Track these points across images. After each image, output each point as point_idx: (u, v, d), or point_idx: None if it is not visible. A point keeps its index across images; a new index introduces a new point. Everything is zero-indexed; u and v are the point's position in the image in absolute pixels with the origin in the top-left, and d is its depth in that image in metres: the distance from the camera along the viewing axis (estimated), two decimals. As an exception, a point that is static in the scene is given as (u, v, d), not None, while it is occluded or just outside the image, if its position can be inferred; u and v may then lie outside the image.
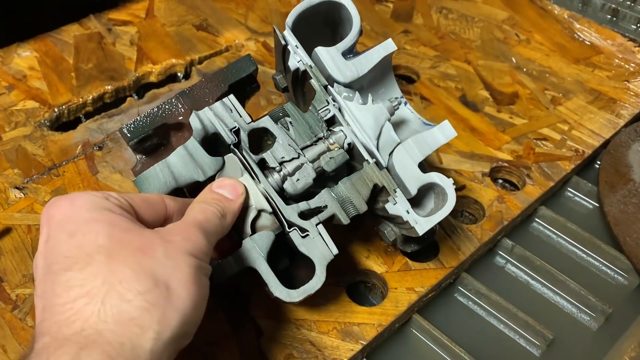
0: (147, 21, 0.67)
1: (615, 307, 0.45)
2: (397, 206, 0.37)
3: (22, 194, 0.48)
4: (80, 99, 0.57)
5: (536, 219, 0.52)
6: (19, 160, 0.51)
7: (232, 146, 0.37)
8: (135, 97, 0.60)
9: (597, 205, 0.54)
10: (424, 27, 0.68)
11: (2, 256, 0.44)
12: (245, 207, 0.35)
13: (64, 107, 0.57)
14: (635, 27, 0.75)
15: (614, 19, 0.78)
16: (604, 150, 0.57)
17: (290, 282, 0.36)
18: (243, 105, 0.41)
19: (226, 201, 0.34)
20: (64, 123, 0.57)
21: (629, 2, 0.78)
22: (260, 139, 0.38)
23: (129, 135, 0.37)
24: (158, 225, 0.32)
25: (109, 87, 0.59)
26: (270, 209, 0.36)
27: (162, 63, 0.62)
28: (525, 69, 0.63)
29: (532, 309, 0.45)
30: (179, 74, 0.62)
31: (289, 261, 0.39)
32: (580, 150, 0.55)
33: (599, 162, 0.57)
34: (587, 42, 0.68)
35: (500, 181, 0.54)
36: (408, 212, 0.37)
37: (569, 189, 0.55)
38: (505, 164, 0.53)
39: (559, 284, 0.47)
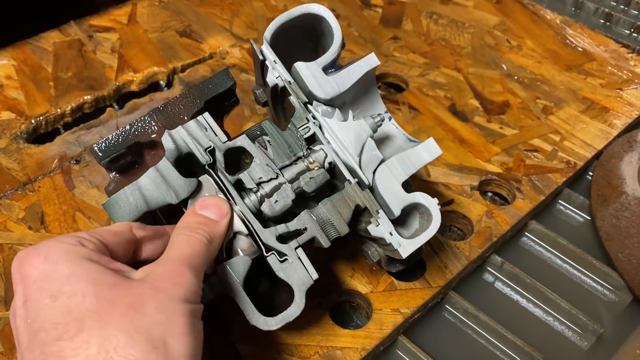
0: (129, 27, 0.65)
1: (606, 325, 0.44)
2: (380, 228, 0.36)
3: (-6, 210, 0.47)
4: (59, 110, 0.56)
5: (526, 234, 0.51)
6: (-7, 175, 0.49)
7: (207, 166, 0.35)
8: (116, 107, 0.58)
9: (589, 218, 0.52)
10: (414, 33, 0.67)
11: (-27, 277, 0.43)
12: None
13: (41, 118, 0.55)
14: (629, 32, 0.74)
15: (607, 23, 0.76)
16: (596, 161, 0.55)
17: (270, 306, 0.35)
18: (222, 121, 0.39)
19: (212, 224, 0.33)
20: (41, 135, 0.55)
21: (622, 6, 0.77)
22: (237, 158, 0.37)
23: (100, 154, 0.36)
24: (129, 257, 0.31)
25: (89, 97, 0.57)
26: (246, 231, 0.34)
27: (143, 71, 0.60)
28: (516, 77, 0.62)
29: (522, 329, 0.44)
30: (161, 83, 0.61)
31: (268, 283, 0.37)
32: (572, 162, 0.54)
33: (590, 174, 0.56)
34: (580, 49, 0.67)
35: (489, 194, 0.52)
36: (391, 234, 0.36)
37: (560, 201, 0.54)
38: (495, 177, 0.52)
39: (550, 302, 0.46)
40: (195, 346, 0.27)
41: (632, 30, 0.74)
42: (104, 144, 0.36)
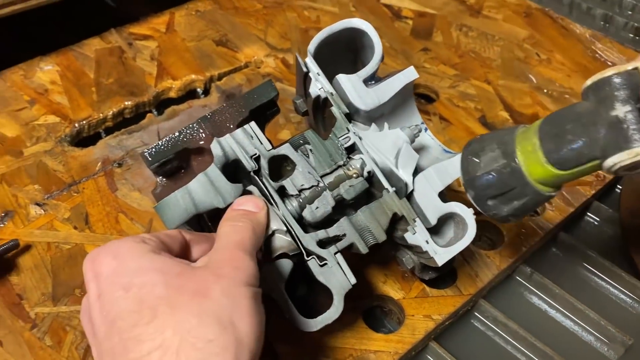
0: (167, 36, 0.67)
1: (635, 337, 0.45)
2: (417, 236, 0.37)
3: (42, 210, 0.49)
4: (101, 114, 0.58)
5: (556, 245, 0.52)
6: (40, 176, 0.52)
7: (252, 173, 0.37)
8: (155, 112, 0.60)
9: (618, 231, 0.53)
10: (444, 44, 0.68)
11: (22, 273, 0.45)
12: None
13: (84, 122, 0.57)
14: (658, 46, 0.75)
15: (637, 37, 0.77)
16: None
17: (309, 309, 0.36)
18: (263, 128, 0.41)
19: (252, 214, 0.35)
20: (84, 138, 0.57)
21: (652, 21, 0.77)
22: (280, 165, 0.38)
23: (150, 159, 0.38)
24: (183, 258, 0.32)
25: (129, 102, 0.59)
26: (284, 229, 0.36)
27: (181, 79, 0.62)
28: (545, 90, 0.63)
29: (550, 338, 0.44)
30: (198, 90, 0.63)
31: (306, 287, 0.39)
32: (601, 175, 0.54)
33: (619, 187, 0.56)
34: (609, 63, 0.67)
35: None
36: (427, 242, 0.37)
37: (589, 214, 0.55)
38: (525, 188, 0.52)
39: (578, 312, 0.46)
40: (259, 327, 0.29)
41: (661, 44, 0.74)
42: (154, 150, 0.38)
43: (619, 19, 0.78)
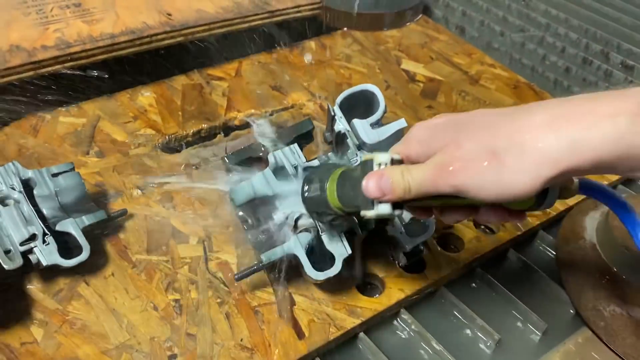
0: (235, 79, 0.89)
1: (551, 325, 0.62)
2: (395, 229, 0.57)
3: (142, 192, 0.70)
4: (184, 132, 0.79)
5: (506, 258, 0.70)
6: (140, 170, 0.73)
7: (291, 176, 0.57)
8: (223, 134, 0.81)
9: (555, 253, 0.71)
10: (445, 104, 0.88)
11: (127, 232, 0.65)
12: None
13: (172, 136, 0.79)
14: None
15: (605, 113, 0.95)
16: (567, 213, 0.74)
17: (318, 269, 0.56)
18: (302, 149, 0.61)
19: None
20: (171, 147, 0.79)
21: (619, 101, 0.96)
22: (310, 173, 0.58)
23: (228, 160, 0.58)
24: None
25: (205, 125, 0.81)
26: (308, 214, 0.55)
27: (244, 112, 0.83)
28: (518, 146, 0.82)
29: (490, 318, 0.62)
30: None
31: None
32: (548, 211, 0.73)
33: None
34: (573, 130, 0.86)
35: (482, 226, 0.71)
36: (401, 233, 0.57)
37: (537, 240, 0.73)
38: (487, 214, 0.71)
39: (513, 303, 0.64)
40: None
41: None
42: (232, 156, 0.58)
43: (592, 96, 0.97)
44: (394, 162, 0.43)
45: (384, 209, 0.42)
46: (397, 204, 0.42)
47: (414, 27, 1.07)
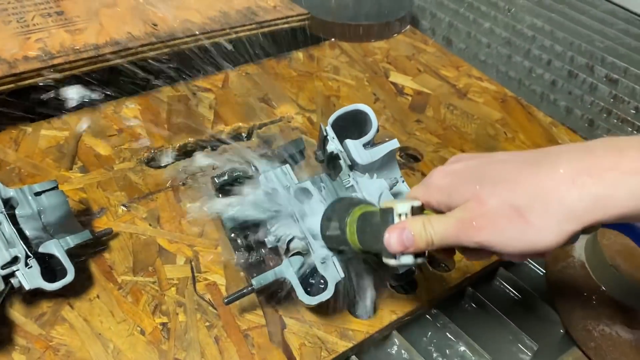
0: (222, 90, 0.88)
1: (541, 345, 0.62)
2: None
3: (127, 209, 0.68)
4: (170, 146, 0.78)
5: (497, 277, 0.70)
6: (125, 186, 0.71)
7: (283, 197, 0.56)
8: (210, 148, 0.80)
9: (544, 272, 0.71)
10: (433, 118, 0.88)
11: (113, 252, 0.63)
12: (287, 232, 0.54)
13: (158, 150, 0.77)
14: (605, 135, 0.94)
15: (590, 127, 0.96)
16: (556, 231, 0.74)
17: (309, 293, 0.55)
18: (293, 168, 0.60)
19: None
20: (157, 162, 0.77)
21: (604, 115, 0.97)
22: (302, 195, 0.57)
23: (217, 181, 0.57)
24: None
25: (191, 139, 0.79)
26: (301, 236, 0.54)
27: (231, 125, 0.82)
28: (506, 161, 0.82)
29: (481, 338, 0.62)
30: (243, 134, 0.82)
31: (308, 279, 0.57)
32: (537, 229, 0.73)
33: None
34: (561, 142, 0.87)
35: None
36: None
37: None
38: (477, 232, 0.71)
39: (504, 324, 0.64)
40: None
41: (607, 135, 0.94)
42: (219, 177, 0.57)
43: (577, 111, 0.98)
44: (414, 209, 0.43)
45: (407, 260, 0.42)
46: (419, 253, 0.43)
47: (401, 38, 1.06)
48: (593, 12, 1.14)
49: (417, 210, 0.43)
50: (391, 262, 0.43)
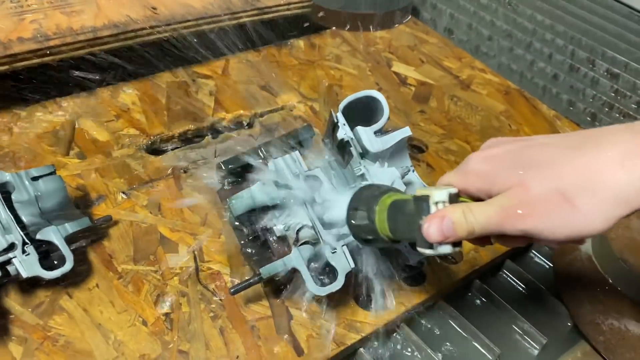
0: (223, 77, 0.86)
1: (550, 339, 0.61)
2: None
3: (126, 197, 0.66)
4: (170, 132, 0.76)
5: (504, 270, 0.69)
6: (125, 173, 0.69)
7: (292, 184, 0.54)
8: (210, 136, 0.78)
9: (551, 265, 0.70)
10: (437, 109, 0.87)
11: (112, 240, 0.61)
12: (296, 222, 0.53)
13: (157, 137, 0.75)
14: (608, 130, 0.93)
15: (593, 120, 0.96)
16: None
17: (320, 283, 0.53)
18: (302, 155, 0.58)
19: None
20: (156, 149, 0.75)
21: (606, 109, 0.96)
22: (313, 182, 0.56)
23: (224, 167, 0.55)
24: None
25: (192, 126, 0.77)
26: (310, 224, 0.53)
27: (232, 112, 0.80)
28: (511, 154, 0.81)
29: (489, 331, 0.61)
30: (244, 122, 0.80)
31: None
32: (543, 221, 0.72)
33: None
34: (564, 139, 0.86)
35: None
36: (406, 246, 0.54)
37: (533, 251, 0.72)
38: (484, 224, 0.70)
39: (512, 317, 0.63)
40: None
41: (610, 129, 0.93)
42: (227, 162, 0.55)
43: (580, 105, 0.98)
44: (450, 197, 0.41)
45: (445, 249, 0.41)
46: (456, 242, 0.41)
47: (403, 29, 1.05)
48: (593, 7, 1.13)
49: (454, 198, 0.41)
50: (427, 251, 0.41)
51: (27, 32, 0.73)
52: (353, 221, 0.50)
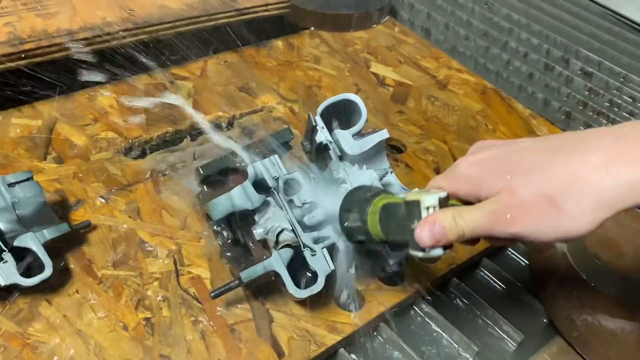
0: (201, 79, 0.85)
1: (526, 335, 0.63)
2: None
3: (105, 201, 0.66)
4: (148, 135, 0.75)
5: (481, 268, 0.70)
6: (103, 177, 0.68)
7: (272, 189, 0.54)
8: (189, 138, 0.77)
9: (527, 262, 0.72)
10: (415, 110, 0.88)
11: (92, 245, 0.61)
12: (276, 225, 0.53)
13: (135, 140, 0.74)
14: (582, 127, 0.95)
15: (567, 119, 0.98)
16: (537, 222, 0.75)
17: (299, 286, 0.54)
18: (281, 158, 0.59)
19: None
20: (135, 152, 0.74)
21: (580, 108, 0.98)
22: (291, 185, 0.56)
23: (202, 172, 0.55)
24: None
25: (171, 128, 0.77)
26: (290, 227, 0.53)
27: (211, 114, 0.80)
28: (488, 153, 0.82)
29: (467, 329, 0.62)
30: (223, 124, 0.80)
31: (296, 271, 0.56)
32: (519, 220, 0.73)
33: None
34: (539, 134, 0.88)
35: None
36: (385, 247, 0.55)
37: (509, 249, 0.74)
38: (462, 223, 0.71)
39: (488, 315, 0.64)
40: None
41: (584, 127, 0.95)
42: (205, 167, 0.55)
43: (555, 103, 0.99)
44: (440, 201, 0.42)
45: (437, 252, 0.42)
46: (447, 245, 0.42)
47: (381, 29, 1.06)
48: (567, 6, 1.15)
49: (444, 202, 0.43)
50: (419, 254, 0.43)
51: (1, 36, 0.72)
52: (346, 223, 0.52)
